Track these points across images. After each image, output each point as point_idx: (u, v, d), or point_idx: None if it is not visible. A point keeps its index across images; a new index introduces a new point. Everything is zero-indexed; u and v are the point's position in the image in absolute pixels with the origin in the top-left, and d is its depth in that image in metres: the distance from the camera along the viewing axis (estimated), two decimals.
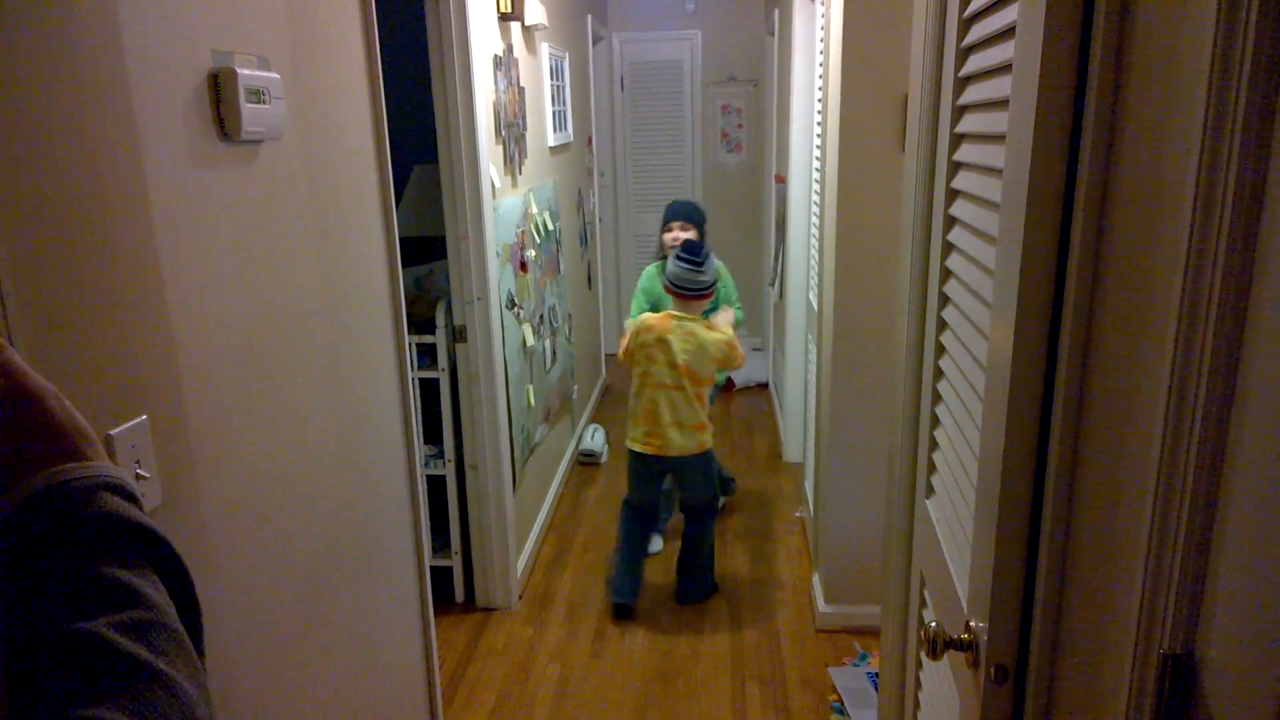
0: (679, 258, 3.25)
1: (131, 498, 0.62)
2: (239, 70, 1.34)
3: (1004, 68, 1.07)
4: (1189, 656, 0.67)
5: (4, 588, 0.55)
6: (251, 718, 1.44)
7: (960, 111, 1.32)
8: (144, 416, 1.15)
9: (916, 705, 1.65)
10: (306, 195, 1.63)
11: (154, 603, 0.58)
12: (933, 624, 1.19)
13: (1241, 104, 0.59)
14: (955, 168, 1.34)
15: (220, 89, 1.33)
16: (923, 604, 1.58)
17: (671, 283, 3.24)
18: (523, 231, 3.61)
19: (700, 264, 3.21)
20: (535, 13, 3.63)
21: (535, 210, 3.82)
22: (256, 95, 1.39)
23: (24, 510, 0.57)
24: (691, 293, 3.22)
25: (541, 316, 3.98)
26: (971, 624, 1.12)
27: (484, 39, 3.08)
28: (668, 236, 3.74)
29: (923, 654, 1.44)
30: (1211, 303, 0.63)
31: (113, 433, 1.08)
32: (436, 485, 3.25)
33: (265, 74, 1.43)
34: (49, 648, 0.53)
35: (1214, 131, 0.62)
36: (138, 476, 1.12)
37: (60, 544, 0.57)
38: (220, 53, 1.33)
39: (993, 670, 1.04)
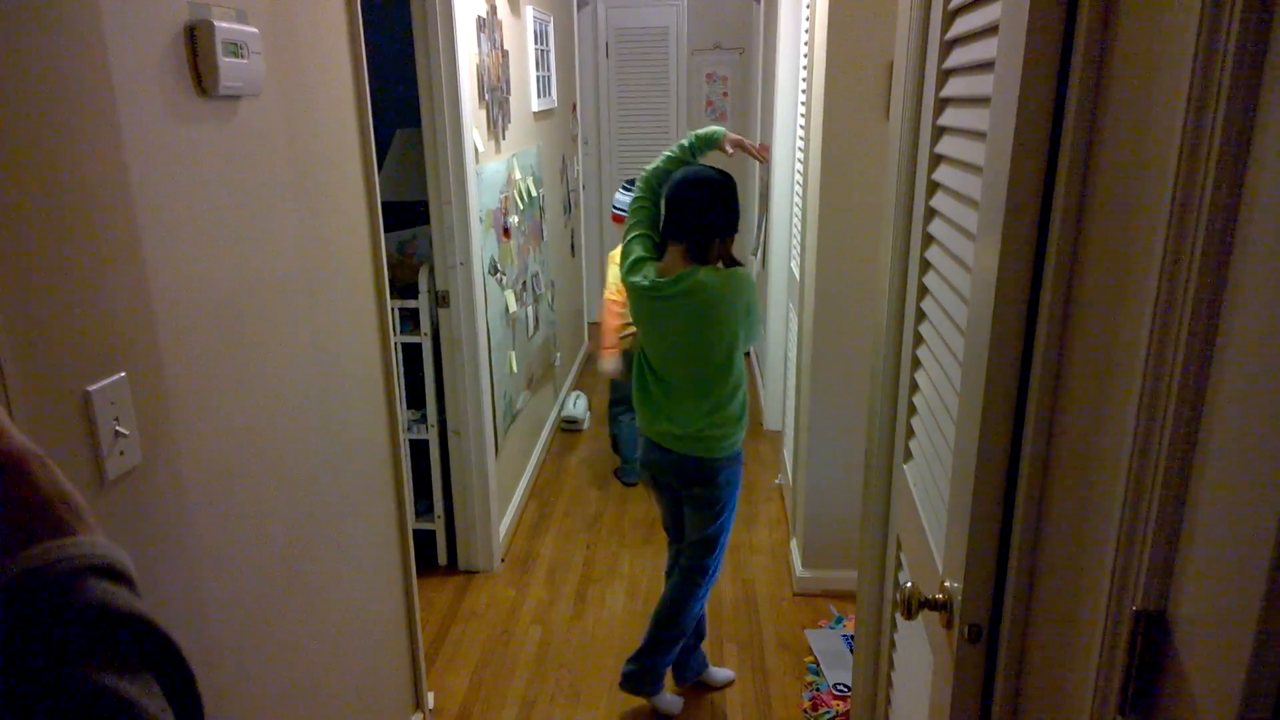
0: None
1: (122, 577, 0.56)
2: (216, 24, 1.31)
3: (990, 30, 1.06)
4: (1161, 614, 0.68)
5: None
6: (234, 681, 1.44)
7: (945, 75, 1.31)
8: (123, 373, 1.14)
9: (891, 666, 1.67)
10: (286, 154, 1.61)
11: (151, 716, 0.53)
12: (908, 584, 1.20)
13: (1221, 109, 0.59)
14: (939, 132, 1.34)
15: (197, 42, 1.30)
16: (898, 566, 1.60)
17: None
18: (506, 197, 3.58)
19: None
20: None
21: (519, 176, 3.78)
22: (234, 50, 1.36)
23: (1, 599, 0.52)
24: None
25: (524, 283, 3.96)
26: (946, 584, 1.14)
27: None
28: None
29: (898, 615, 1.46)
30: (1190, 275, 0.63)
31: (91, 389, 1.07)
32: (419, 449, 3.24)
33: (243, 28, 1.40)
34: None
35: (1200, 90, 0.62)
36: (117, 434, 1.12)
37: (45, 643, 0.51)
38: (197, 5, 1.31)
39: (966, 629, 1.05)
